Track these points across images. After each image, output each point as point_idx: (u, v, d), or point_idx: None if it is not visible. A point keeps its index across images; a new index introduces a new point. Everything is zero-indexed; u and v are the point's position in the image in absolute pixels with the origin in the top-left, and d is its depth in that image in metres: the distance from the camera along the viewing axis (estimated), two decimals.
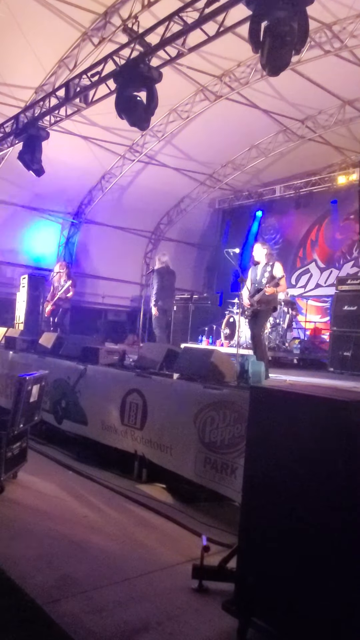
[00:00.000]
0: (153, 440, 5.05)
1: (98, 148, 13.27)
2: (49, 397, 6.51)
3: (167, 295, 9.77)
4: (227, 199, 16.91)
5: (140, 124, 6.73)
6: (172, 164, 14.44)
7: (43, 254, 15.74)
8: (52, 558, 3.44)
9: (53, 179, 11.23)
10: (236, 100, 11.42)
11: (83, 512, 4.39)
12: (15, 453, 4.91)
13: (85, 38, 9.49)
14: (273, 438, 2.63)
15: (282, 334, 11.34)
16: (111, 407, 5.63)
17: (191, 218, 17.12)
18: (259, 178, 15.52)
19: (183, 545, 3.84)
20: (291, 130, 12.73)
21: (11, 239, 14.89)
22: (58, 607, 2.83)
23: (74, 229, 16.14)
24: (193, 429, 4.58)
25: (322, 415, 2.43)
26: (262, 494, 2.66)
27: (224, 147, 13.86)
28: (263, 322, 7.22)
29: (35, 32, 9.30)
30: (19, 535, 3.78)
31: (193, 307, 13.26)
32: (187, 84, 11.11)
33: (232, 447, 4.23)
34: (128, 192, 15.45)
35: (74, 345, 7.15)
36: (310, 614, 2.34)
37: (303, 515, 2.42)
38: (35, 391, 5.07)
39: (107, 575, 3.27)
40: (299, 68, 9.84)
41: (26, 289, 13.03)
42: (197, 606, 2.99)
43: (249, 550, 2.71)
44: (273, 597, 2.52)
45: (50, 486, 4.98)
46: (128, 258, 16.72)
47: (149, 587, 3.18)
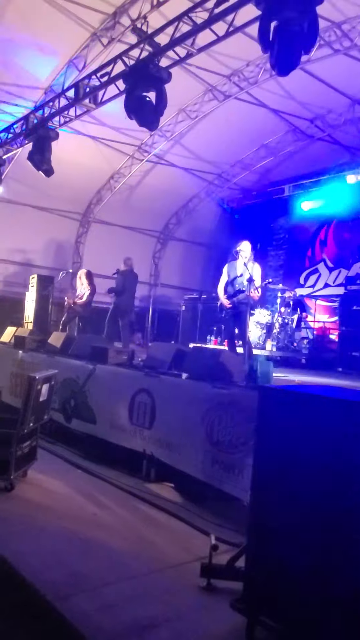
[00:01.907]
0: (162, 440, 5.07)
1: (107, 148, 13.31)
2: (58, 397, 6.55)
3: (128, 296, 10.24)
4: (235, 199, 16.89)
5: (149, 124, 6.75)
6: (180, 163, 14.45)
7: (55, 254, 15.84)
8: (62, 555, 3.47)
9: (62, 179, 11.27)
10: (245, 99, 11.42)
11: (92, 510, 4.43)
12: (25, 452, 4.95)
13: (94, 38, 9.52)
14: (281, 438, 2.64)
15: (291, 333, 11.33)
16: (120, 407, 5.66)
17: (200, 218, 17.12)
18: (267, 178, 15.49)
19: (191, 543, 3.85)
20: (300, 129, 12.70)
21: (21, 238, 14.97)
22: (68, 604, 2.86)
23: (83, 229, 16.21)
24: (201, 429, 4.59)
25: (332, 415, 2.44)
26: (270, 493, 2.67)
27: (232, 147, 13.85)
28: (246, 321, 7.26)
29: (45, 33, 9.35)
30: (29, 532, 3.82)
31: (201, 307, 13.26)
32: (196, 83, 11.12)
33: (240, 447, 4.24)
34: (136, 192, 15.47)
35: (83, 345, 7.19)
36: (319, 612, 2.35)
37: (311, 515, 2.43)
38: (45, 390, 5.10)
39: (116, 573, 3.29)
40: (309, 67, 9.81)
41: (35, 288, 13.10)
42: (205, 604, 3.00)
43: (257, 549, 2.72)
44: (281, 596, 2.53)
45: (59, 484, 5.02)
46: (137, 258, 16.63)
47: (157, 584, 3.20)
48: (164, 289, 17.89)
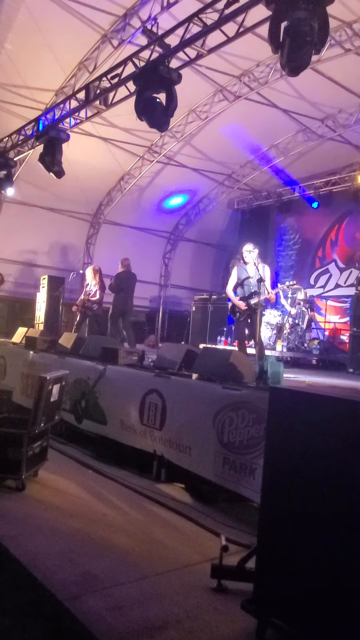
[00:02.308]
0: (172, 440, 5.07)
1: (117, 149, 13.37)
2: (69, 397, 6.58)
3: (126, 296, 10.33)
4: (246, 199, 16.88)
5: (159, 125, 6.76)
6: (190, 164, 14.46)
7: (65, 255, 15.93)
8: (72, 555, 3.49)
9: (73, 180, 11.34)
10: (255, 100, 11.41)
11: (102, 511, 4.44)
12: (36, 452, 4.98)
13: (104, 40, 9.58)
14: (293, 439, 2.63)
15: (301, 334, 11.29)
16: (130, 407, 5.67)
17: (210, 218, 17.12)
18: (278, 178, 15.45)
19: (202, 544, 3.85)
20: (311, 129, 12.66)
21: (32, 240, 15.07)
22: (79, 604, 2.87)
23: (94, 230, 16.28)
24: (212, 430, 4.59)
25: (344, 417, 2.43)
26: (281, 494, 2.66)
27: (242, 147, 13.83)
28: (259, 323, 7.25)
29: (56, 35, 9.42)
30: (40, 532, 3.84)
31: (212, 308, 13.26)
32: (206, 84, 11.13)
33: (251, 448, 4.23)
34: (147, 193, 15.52)
35: (94, 346, 7.21)
36: (331, 615, 2.34)
37: (323, 516, 2.42)
38: (56, 391, 5.13)
39: (126, 573, 3.30)
40: (319, 67, 9.79)
41: (46, 289, 13.18)
42: (216, 605, 3.00)
43: (268, 550, 2.71)
44: (292, 598, 2.52)
45: (70, 484, 5.04)
46: (147, 258, 16.80)
47: (168, 585, 3.20)
48: (174, 290, 17.93)
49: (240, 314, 7.50)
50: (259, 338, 7.19)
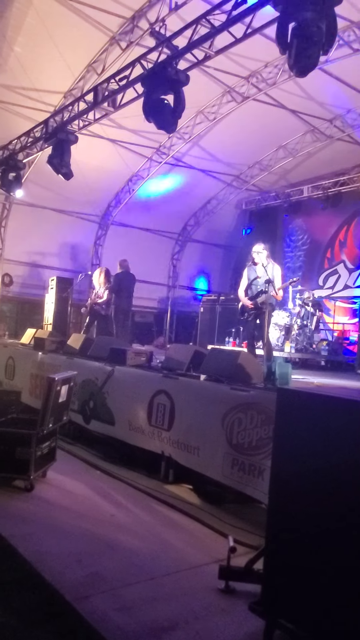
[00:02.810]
0: (180, 441, 5.07)
1: (125, 151, 13.40)
2: (77, 398, 6.61)
3: (125, 296, 10.39)
4: (254, 200, 16.85)
5: (167, 126, 6.76)
6: (198, 165, 14.47)
7: (74, 256, 16.00)
8: (81, 555, 3.50)
9: (81, 181, 11.39)
10: (263, 100, 11.39)
11: (110, 511, 4.45)
12: (44, 452, 5.00)
13: (113, 42, 9.60)
14: (300, 440, 2.63)
15: (309, 335, 11.24)
16: (138, 408, 5.68)
17: (218, 219, 17.12)
18: (286, 179, 15.42)
19: (210, 545, 3.85)
20: (319, 130, 12.61)
21: (40, 241, 15.14)
22: (87, 604, 2.88)
23: (102, 231, 16.33)
24: (221, 431, 4.59)
25: (352, 418, 2.42)
26: (289, 495, 2.65)
27: (251, 148, 13.83)
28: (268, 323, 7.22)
29: (64, 38, 9.46)
30: (48, 533, 3.86)
31: (220, 309, 13.24)
32: (214, 85, 11.13)
33: (260, 449, 4.23)
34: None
35: (102, 347, 7.24)
36: (339, 617, 2.33)
37: (331, 518, 2.41)
38: (64, 391, 5.15)
39: (134, 574, 3.31)
40: (327, 67, 9.74)
41: (54, 290, 13.23)
42: (223, 606, 3.00)
43: (276, 552, 2.71)
44: (300, 599, 2.51)
45: (78, 485, 5.05)
46: (155, 259, 16.82)
47: (176, 586, 3.21)
48: (182, 291, 17.93)
49: (247, 314, 7.49)
50: (267, 339, 7.17)
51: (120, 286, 10.32)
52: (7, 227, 14.84)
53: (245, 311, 7.52)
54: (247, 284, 7.48)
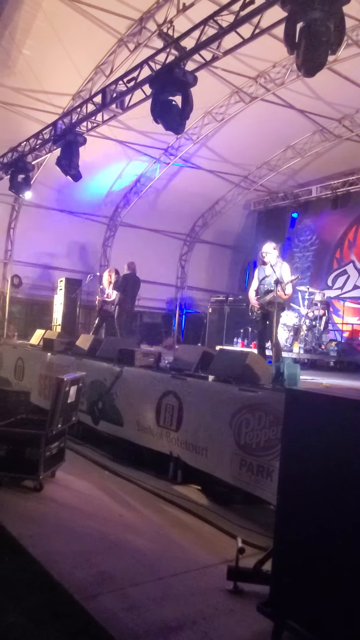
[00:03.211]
0: (188, 442, 5.07)
1: (133, 152, 13.43)
2: (86, 398, 6.63)
3: (129, 296, 10.50)
4: (262, 201, 16.82)
5: (175, 128, 6.77)
6: (207, 166, 14.47)
7: (82, 257, 16.06)
8: (89, 555, 3.51)
9: (90, 183, 11.43)
10: (271, 101, 11.36)
11: (119, 511, 4.46)
12: (53, 453, 5.03)
13: (121, 44, 9.63)
14: (309, 441, 2.62)
15: (318, 335, 11.20)
16: (147, 409, 5.69)
17: (226, 220, 17.11)
18: (294, 179, 15.38)
19: (218, 546, 3.85)
20: (328, 129, 12.57)
21: (49, 242, 15.22)
22: (96, 603, 2.89)
23: (110, 232, 16.38)
24: (229, 431, 4.59)
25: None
26: (298, 496, 2.65)
27: (259, 149, 13.81)
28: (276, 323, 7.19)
29: (73, 40, 9.50)
30: (57, 532, 3.87)
31: (228, 309, 13.23)
32: (222, 86, 11.12)
33: (268, 450, 4.22)
34: (163, 195, 15.56)
35: (111, 348, 7.26)
36: (349, 619, 2.32)
37: (340, 519, 2.40)
38: (73, 392, 5.17)
39: (143, 574, 3.32)
40: (336, 67, 9.72)
41: (63, 291, 13.29)
42: (232, 607, 3.00)
43: (285, 553, 2.70)
44: (309, 601, 2.51)
45: (87, 485, 5.07)
46: (163, 260, 16.85)
47: (184, 586, 3.21)
48: (190, 292, 17.94)
49: (256, 315, 7.47)
50: (275, 340, 7.15)
51: (126, 287, 10.42)
52: (17, 229, 14.93)
53: (253, 311, 7.51)
54: (257, 284, 7.47)
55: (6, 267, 15.08)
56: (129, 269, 10.67)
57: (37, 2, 8.82)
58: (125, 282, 10.46)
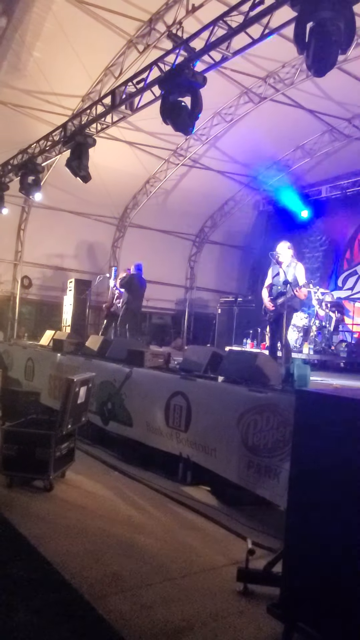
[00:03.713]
0: (197, 443, 5.07)
1: (143, 153, 13.45)
2: (96, 399, 6.65)
3: (136, 297, 10.60)
4: (272, 201, 16.75)
5: (184, 128, 6.76)
6: (216, 167, 14.46)
7: (92, 258, 16.11)
8: (99, 555, 3.52)
9: (99, 184, 11.45)
10: (281, 101, 11.34)
11: (129, 512, 4.47)
12: (63, 453, 5.04)
13: (130, 46, 9.65)
14: (320, 442, 2.61)
15: (328, 336, 11.14)
16: (156, 410, 5.69)
17: (235, 221, 17.08)
18: (304, 179, 15.32)
19: (228, 547, 3.85)
20: (337, 129, 12.52)
21: (59, 243, 15.28)
22: (106, 604, 2.90)
23: (120, 233, 16.42)
24: (236, 432, 4.58)
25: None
26: (308, 497, 2.64)
27: (268, 149, 13.77)
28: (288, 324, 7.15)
29: (82, 42, 9.54)
30: (67, 532, 3.89)
31: (237, 310, 13.20)
32: (231, 86, 11.12)
33: (276, 451, 4.21)
34: (172, 196, 15.57)
35: (120, 348, 7.27)
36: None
37: (351, 520, 2.39)
38: (83, 393, 5.19)
39: (153, 575, 3.32)
40: (346, 66, 9.67)
41: (73, 292, 13.33)
42: (242, 609, 2.99)
43: (295, 555, 2.69)
44: (320, 603, 2.50)
45: (96, 486, 5.09)
46: (172, 261, 16.85)
47: (194, 587, 3.21)
48: (199, 292, 17.93)
49: (268, 315, 7.43)
50: (285, 340, 7.12)
51: (132, 285, 10.50)
52: (27, 230, 15.01)
53: (266, 312, 7.45)
54: (270, 283, 7.41)
55: (16, 268, 15.16)
56: (136, 269, 10.75)
57: (47, 5, 8.87)
58: (131, 281, 10.52)
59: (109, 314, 11.26)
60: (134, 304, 10.62)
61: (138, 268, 10.83)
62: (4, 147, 11.05)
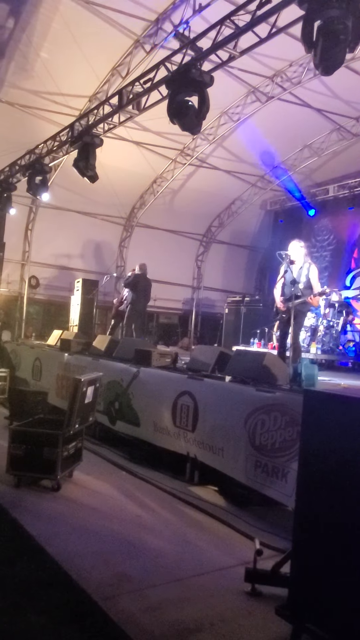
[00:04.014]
0: (205, 442, 5.06)
1: (150, 153, 13.46)
2: (103, 399, 6.66)
3: (141, 297, 10.62)
4: (279, 200, 16.73)
5: (191, 128, 6.75)
6: (223, 166, 14.44)
7: (99, 258, 16.13)
8: (107, 555, 3.52)
9: (106, 184, 11.47)
10: (288, 100, 11.31)
11: (136, 512, 4.47)
12: (71, 453, 5.05)
13: (137, 45, 9.67)
14: (328, 442, 2.60)
15: (336, 336, 11.09)
16: (163, 409, 5.69)
17: (242, 220, 17.05)
18: (311, 178, 15.28)
19: (235, 548, 3.83)
20: (345, 128, 12.47)
21: (66, 243, 15.32)
22: (113, 604, 2.89)
23: (127, 233, 16.44)
24: (243, 432, 4.57)
25: None
26: (317, 498, 2.62)
27: (275, 148, 13.73)
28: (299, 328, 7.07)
29: (89, 42, 9.56)
30: (75, 532, 3.89)
31: (245, 310, 13.18)
32: (238, 86, 11.10)
33: (283, 451, 4.19)
34: (179, 196, 15.57)
35: (127, 348, 7.28)
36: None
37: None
38: (90, 392, 5.19)
39: (160, 575, 3.31)
40: (353, 65, 9.64)
41: (80, 292, 13.35)
42: (250, 610, 2.98)
43: (304, 555, 2.68)
44: (329, 604, 2.48)
45: (104, 485, 5.09)
46: (179, 261, 16.85)
47: (201, 588, 3.20)
48: (207, 292, 17.92)
49: (279, 315, 7.34)
50: (293, 341, 7.07)
51: (136, 285, 10.53)
52: (34, 230, 15.07)
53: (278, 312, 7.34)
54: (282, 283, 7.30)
55: (24, 268, 15.22)
56: (140, 269, 10.78)
57: (54, 6, 8.90)
58: (135, 281, 10.56)
59: (117, 314, 11.28)
60: (139, 303, 10.64)
61: (142, 268, 10.85)
62: (12, 148, 11.08)
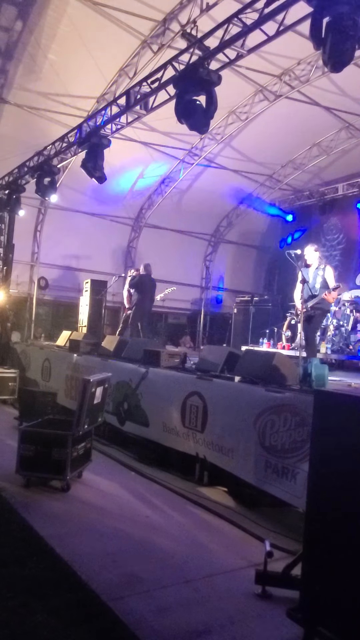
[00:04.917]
0: (214, 443, 5.04)
1: (157, 153, 13.44)
2: (112, 399, 6.65)
3: (147, 297, 10.60)
4: (287, 200, 16.65)
5: (199, 128, 6.73)
6: (231, 166, 14.40)
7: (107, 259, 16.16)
8: (116, 556, 3.51)
9: (114, 185, 11.49)
10: (296, 98, 11.24)
11: (145, 513, 4.45)
12: (80, 453, 5.05)
13: (144, 46, 9.65)
14: (339, 442, 2.56)
15: (346, 336, 11.02)
16: (172, 410, 5.67)
17: (251, 220, 16.99)
18: (320, 177, 15.19)
19: (245, 549, 3.81)
20: (354, 126, 12.38)
21: (75, 244, 15.35)
22: (122, 605, 2.88)
23: (135, 233, 16.44)
24: (253, 432, 4.54)
25: None
26: (328, 499, 2.59)
27: (284, 147, 13.68)
28: (317, 326, 7.10)
29: (97, 43, 9.56)
30: (84, 533, 3.89)
31: (253, 310, 13.13)
32: (246, 84, 11.05)
33: (293, 452, 4.16)
34: (187, 196, 15.55)
35: (136, 349, 7.27)
36: None
37: None
38: (99, 393, 5.19)
39: (170, 576, 3.30)
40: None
41: (89, 293, 13.37)
42: (260, 612, 2.95)
43: (315, 557, 2.65)
44: (341, 607, 2.45)
45: (113, 486, 5.09)
46: (188, 261, 16.83)
47: (211, 589, 3.18)
48: (215, 292, 17.89)
49: (298, 317, 7.41)
50: (312, 341, 7.09)
51: (141, 285, 10.53)
52: (43, 231, 15.12)
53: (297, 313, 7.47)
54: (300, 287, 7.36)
55: (33, 269, 15.27)
56: (145, 270, 10.78)
57: (61, 7, 8.91)
58: (140, 281, 10.56)
59: (126, 315, 11.27)
60: (144, 303, 10.64)
61: (147, 269, 10.83)
62: (20, 149, 11.13)
